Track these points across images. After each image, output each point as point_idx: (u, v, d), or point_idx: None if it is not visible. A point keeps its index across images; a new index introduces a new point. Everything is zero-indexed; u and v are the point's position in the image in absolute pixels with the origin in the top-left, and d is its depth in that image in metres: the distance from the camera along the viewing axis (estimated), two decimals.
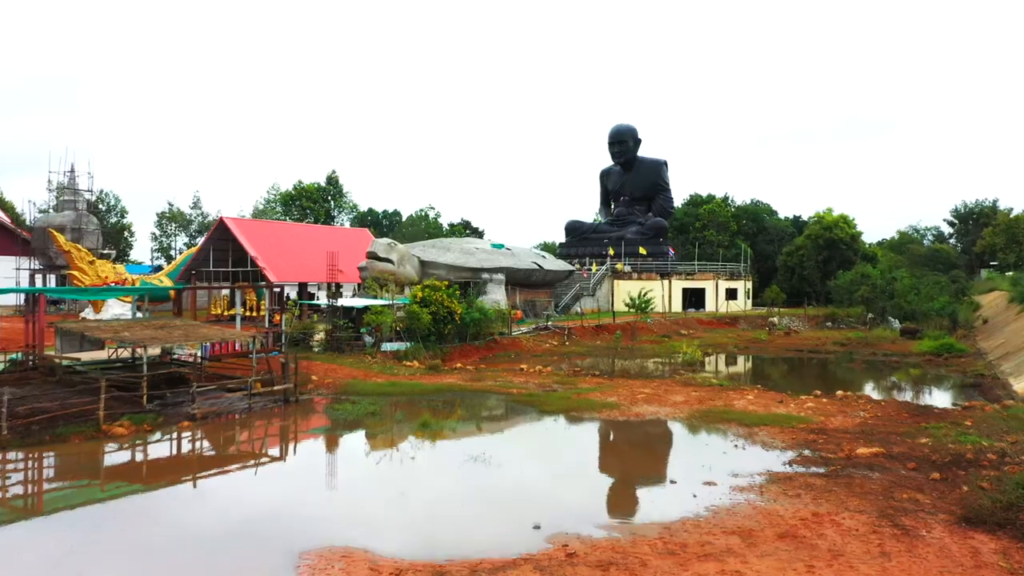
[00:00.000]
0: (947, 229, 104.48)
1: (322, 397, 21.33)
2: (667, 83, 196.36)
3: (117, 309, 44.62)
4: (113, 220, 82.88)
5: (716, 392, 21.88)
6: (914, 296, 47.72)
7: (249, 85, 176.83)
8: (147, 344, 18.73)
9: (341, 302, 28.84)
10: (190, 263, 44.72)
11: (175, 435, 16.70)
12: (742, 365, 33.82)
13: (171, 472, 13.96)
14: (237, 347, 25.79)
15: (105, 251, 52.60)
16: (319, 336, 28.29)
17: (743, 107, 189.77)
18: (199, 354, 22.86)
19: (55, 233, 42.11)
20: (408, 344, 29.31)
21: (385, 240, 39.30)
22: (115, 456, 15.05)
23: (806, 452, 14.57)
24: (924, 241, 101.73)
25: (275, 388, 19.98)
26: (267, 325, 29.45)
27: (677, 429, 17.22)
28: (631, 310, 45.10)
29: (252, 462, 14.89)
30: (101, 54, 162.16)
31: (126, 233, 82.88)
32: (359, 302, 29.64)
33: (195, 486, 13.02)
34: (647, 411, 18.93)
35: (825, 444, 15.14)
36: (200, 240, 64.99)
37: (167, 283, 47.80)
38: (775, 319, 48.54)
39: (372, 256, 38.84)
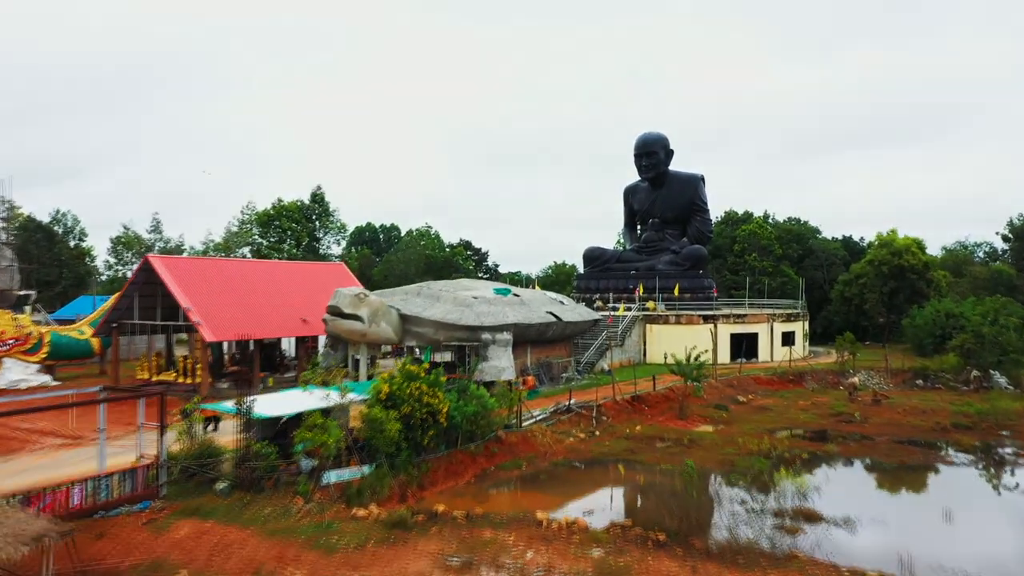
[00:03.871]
0: (1000, 245, 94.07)
1: None
2: (678, 89, 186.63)
3: (15, 374, 35.02)
4: (72, 244, 73.83)
5: None
6: None
7: (231, 94, 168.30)
8: None
9: (260, 407, 18.88)
10: (108, 313, 35.09)
11: None
12: (866, 492, 21.99)
13: None
14: (84, 491, 16.00)
15: (22, 292, 43.09)
16: (227, 465, 18.40)
17: (767, 115, 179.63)
18: None
19: None
20: (367, 468, 19.48)
21: (352, 290, 29.47)
22: None
23: None
24: (974, 259, 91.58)
25: None
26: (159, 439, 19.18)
27: None
28: (674, 371, 35.05)
29: None
30: (62, 56, 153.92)
31: (86, 259, 73.72)
32: (288, 406, 19.64)
33: None
34: None
35: None
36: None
37: (88, 334, 38.28)
38: (855, 378, 38.33)
39: (334, 312, 29.11)
